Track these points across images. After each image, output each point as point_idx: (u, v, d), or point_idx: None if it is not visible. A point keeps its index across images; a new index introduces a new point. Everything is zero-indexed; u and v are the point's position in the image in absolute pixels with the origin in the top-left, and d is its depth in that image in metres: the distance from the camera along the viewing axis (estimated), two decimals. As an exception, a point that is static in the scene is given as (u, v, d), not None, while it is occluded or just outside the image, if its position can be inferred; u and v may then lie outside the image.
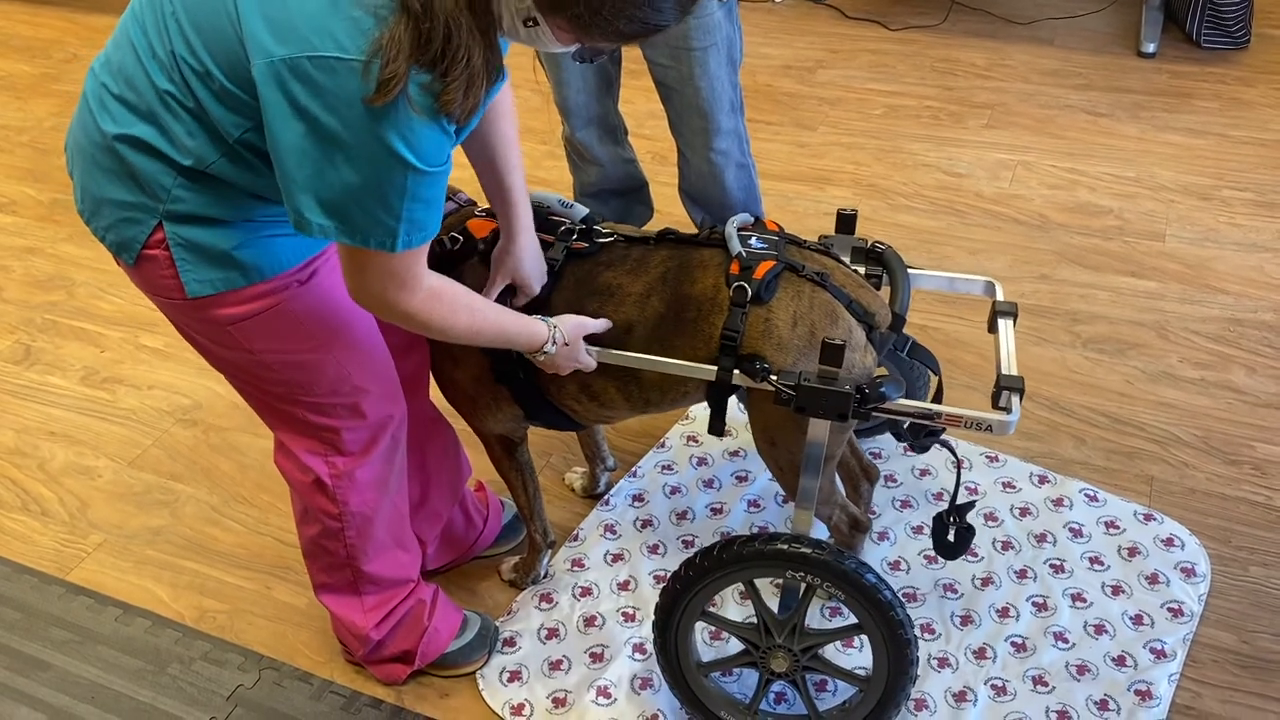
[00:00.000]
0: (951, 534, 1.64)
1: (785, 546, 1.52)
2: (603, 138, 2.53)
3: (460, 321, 1.38)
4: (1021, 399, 1.50)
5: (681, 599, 1.62)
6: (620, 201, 2.70)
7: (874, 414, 1.49)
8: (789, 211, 3.09)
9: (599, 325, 1.57)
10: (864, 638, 1.89)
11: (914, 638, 1.55)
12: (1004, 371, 1.54)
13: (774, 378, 1.48)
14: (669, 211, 2.96)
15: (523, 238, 1.59)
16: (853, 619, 1.60)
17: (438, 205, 1.26)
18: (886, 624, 1.53)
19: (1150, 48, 3.80)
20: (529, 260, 1.59)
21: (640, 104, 3.59)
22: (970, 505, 1.64)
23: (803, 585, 1.57)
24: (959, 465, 1.68)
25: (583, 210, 1.68)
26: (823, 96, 3.71)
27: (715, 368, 1.53)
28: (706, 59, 2.22)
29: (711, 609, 1.64)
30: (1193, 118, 3.43)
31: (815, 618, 1.94)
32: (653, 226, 1.68)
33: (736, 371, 1.52)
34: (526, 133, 3.59)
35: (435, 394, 1.87)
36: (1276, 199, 3.02)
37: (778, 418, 1.59)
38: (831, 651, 1.88)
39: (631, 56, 2.48)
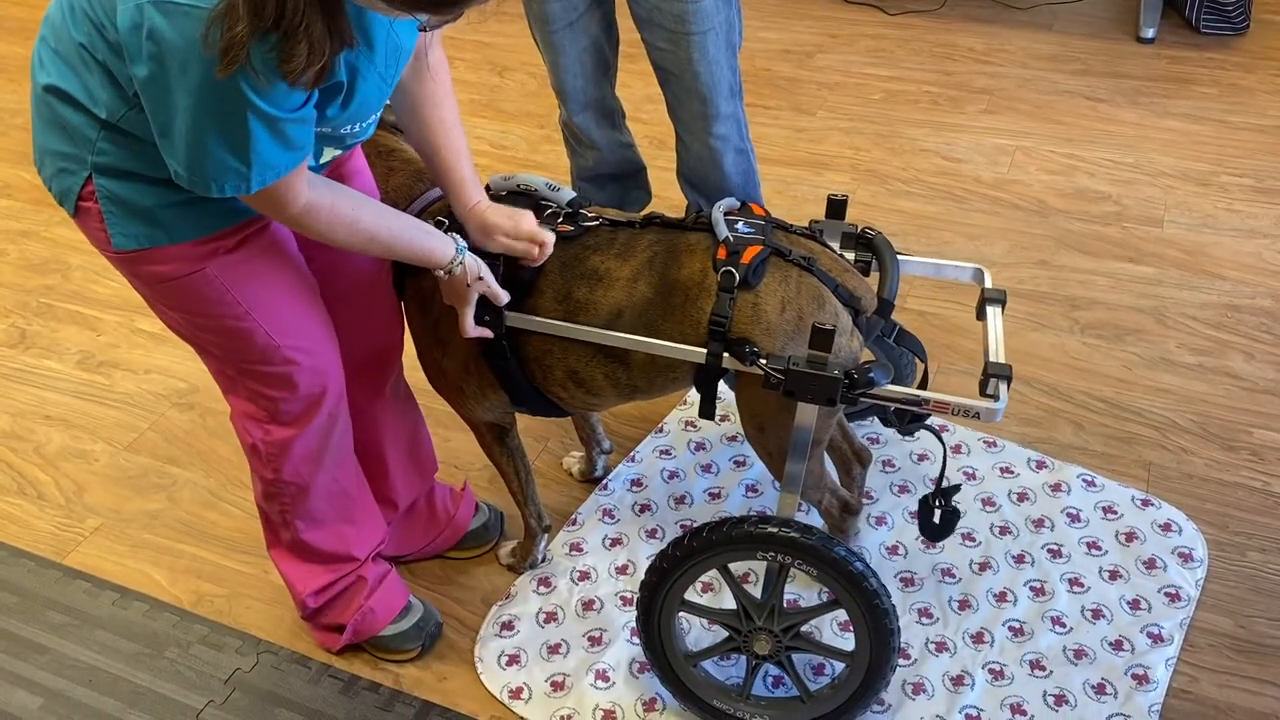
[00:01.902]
0: (937, 516, 1.64)
1: (752, 529, 1.53)
2: (600, 121, 2.52)
3: (339, 235, 1.40)
4: (1009, 386, 1.50)
5: (659, 592, 1.63)
6: (617, 186, 2.69)
7: (862, 399, 1.49)
8: (787, 197, 3.08)
9: (500, 294, 1.58)
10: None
11: (891, 608, 1.55)
12: (992, 359, 1.54)
13: (763, 362, 1.48)
14: (667, 196, 2.95)
15: (482, 202, 1.62)
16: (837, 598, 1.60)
17: (298, 144, 1.27)
18: (861, 596, 1.54)
19: (1149, 33, 3.79)
20: (493, 211, 1.61)
21: (638, 88, 3.57)
22: (956, 488, 1.64)
23: (776, 565, 1.57)
24: (944, 448, 1.68)
25: (570, 193, 1.67)
26: (821, 81, 3.70)
27: (704, 350, 1.53)
28: (705, 43, 2.21)
29: (704, 595, 1.64)
30: (1191, 104, 3.42)
31: (814, 602, 1.94)
32: (650, 212, 1.68)
33: (726, 355, 1.52)
34: (523, 116, 3.58)
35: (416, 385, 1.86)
36: (1275, 185, 3.02)
37: (766, 403, 1.59)
38: (829, 635, 1.88)
39: (628, 40, 2.46)
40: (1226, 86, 3.51)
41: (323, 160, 1.45)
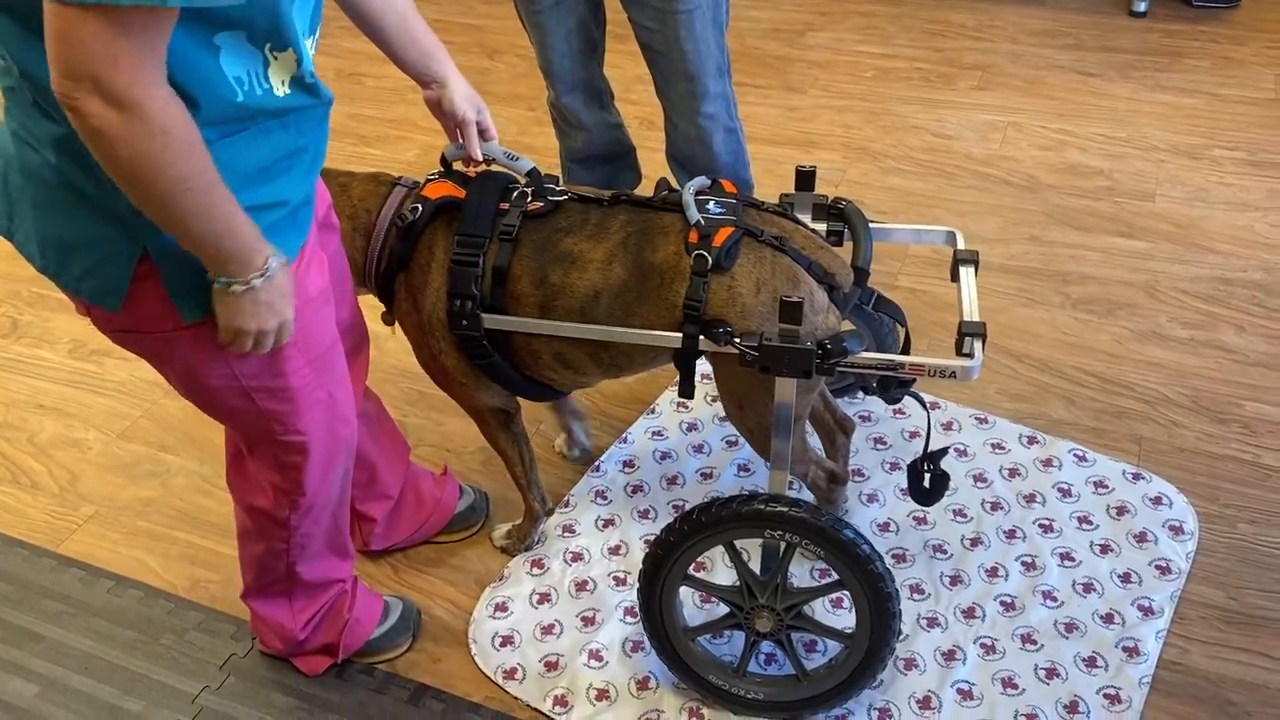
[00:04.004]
0: (926, 480, 1.65)
1: (762, 506, 1.53)
2: (588, 102, 2.51)
3: (175, 166, 1.06)
4: (984, 344, 1.50)
5: (663, 564, 1.63)
6: (607, 167, 2.68)
7: (838, 369, 1.49)
8: (778, 176, 3.08)
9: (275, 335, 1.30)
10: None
11: (895, 591, 1.56)
12: (966, 318, 1.54)
13: (737, 340, 1.48)
14: (657, 177, 2.94)
15: (453, 76, 1.58)
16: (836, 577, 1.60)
17: None
18: (866, 578, 1.54)
19: (1141, 6, 3.77)
20: (462, 94, 1.59)
21: (628, 69, 3.55)
22: (944, 451, 1.65)
23: (782, 544, 1.57)
24: (928, 413, 1.68)
25: (529, 163, 1.67)
26: (812, 59, 3.69)
27: (680, 335, 1.53)
28: (692, 21, 2.20)
29: (698, 574, 1.64)
30: (1184, 77, 3.41)
31: (806, 579, 1.94)
32: (640, 193, 1.68)
33: (701, 338, 1.52)
34: (513, 99, 3.56)
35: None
36: (1267, 158, 3.01)
37: (744, 381, 1.60)
38: (821, 612, 1.89)
39: (617, 21, 2.45)
40: (1219, 59, 3.49)
41: (309, 55, 1.22)
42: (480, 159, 1.64)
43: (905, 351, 1.79)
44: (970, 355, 1.49)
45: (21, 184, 1.19)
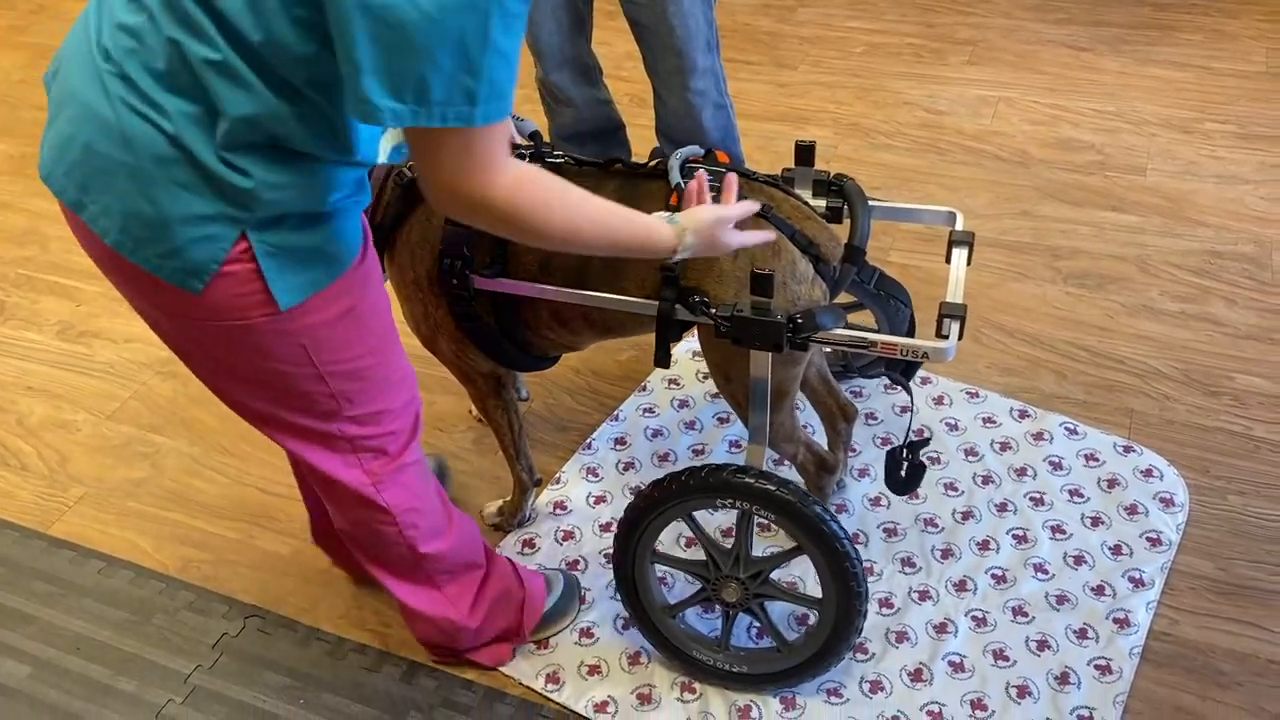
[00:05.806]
0: (904, 470, 1.64)
1: (708, 476, 1.55)
2: (576, 79, 2.49)
3: (555, 215, 1.17)
4: (963, 326, 1.48)
5: (629, 544, 1.65)
6: (597, 145, 2.67)
7: (808, 344, 1.48)
8: (770, 152, 3.06)
9: (742, 209, 1.40)
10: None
11: (851, 550, 1.55)
12: (949, 299, 1.53)
13: (712, 311, 1.48)
14: (648, 153, 2.93)
15: None
16: (817, 548, 1.60)
17: (512, 67, 1.08)
18: (817, 537, 1.55)
19: (1133, -20, 3.76)
20: None
21: (618, 45, 3.54)
22: (925, 441, 1.65)
23: (736, 512, 1.58)
24: (912, 400, 1.68)
25: (531, 125, 1.68)
26: (803, 35, 3.67)
27: (657, 302, 1.53)
28: (680, -5, 2.19)
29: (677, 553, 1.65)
30: (1175, 50, 3.40)
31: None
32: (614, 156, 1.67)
33: (678, 306, 1.52)
34: (503, 77, 3.54)
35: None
36: (1258, 131, 3.01)
37: (728, 352, 1.60)
38: (813, 585, 1.89)
39: (606, -5, 2.45)
40: (1210, 33, 3.48)
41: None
42: None
43: (911, 332, 1.79)
44: (946, 336, 1.48)
45: (118, 155, 1.12)
